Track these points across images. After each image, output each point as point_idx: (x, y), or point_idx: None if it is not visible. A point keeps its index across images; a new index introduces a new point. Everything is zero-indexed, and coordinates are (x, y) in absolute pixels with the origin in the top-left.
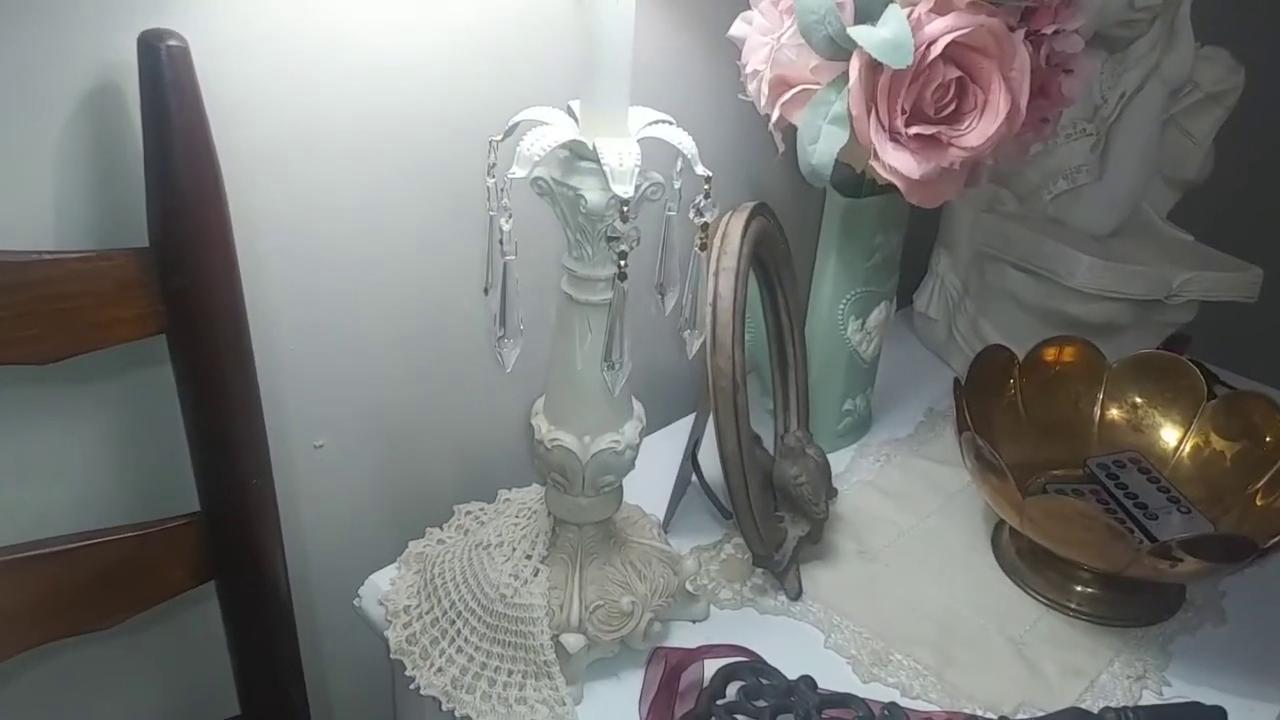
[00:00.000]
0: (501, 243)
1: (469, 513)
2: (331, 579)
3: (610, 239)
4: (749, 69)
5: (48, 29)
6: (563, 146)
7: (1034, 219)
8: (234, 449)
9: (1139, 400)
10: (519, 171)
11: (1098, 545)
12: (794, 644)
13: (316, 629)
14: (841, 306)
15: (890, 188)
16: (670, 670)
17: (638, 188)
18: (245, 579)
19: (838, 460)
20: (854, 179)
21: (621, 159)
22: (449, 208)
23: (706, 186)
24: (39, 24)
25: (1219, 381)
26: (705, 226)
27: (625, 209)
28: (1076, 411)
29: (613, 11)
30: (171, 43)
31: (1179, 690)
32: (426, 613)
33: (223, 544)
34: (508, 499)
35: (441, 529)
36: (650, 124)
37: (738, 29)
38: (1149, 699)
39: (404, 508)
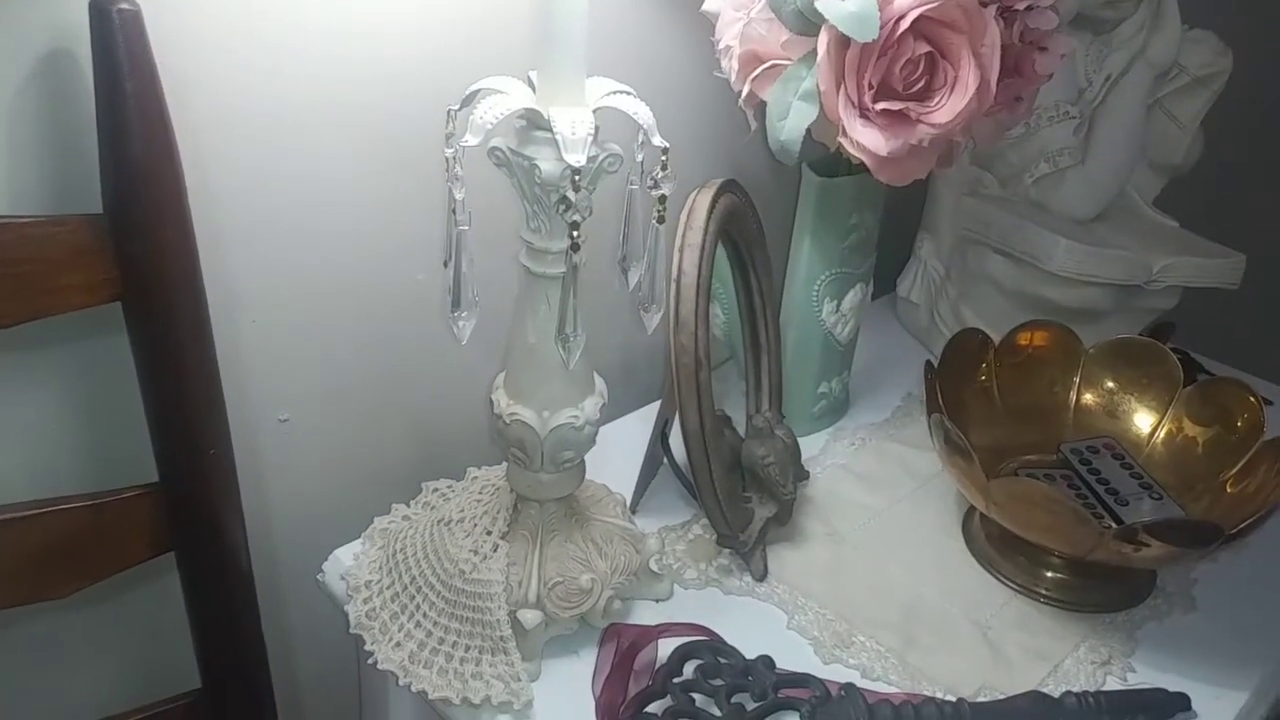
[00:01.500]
0: (454, 212)
1: (436, 490)
2: (297, 553)
3: (562, 209)
4: (722, 45)
5: None
6: (520, 116)
7: (1016, 202)
8: (191, 419)
9: (1115, 386)
10: (472, 140)
11: (1062, 529)
12: (756, 624)
13: (283, 602)
14: (816, 288)
15: (866, 167)
16: (627, 648)
17: (593, 158)
18: (205, 551)
19: (813, 443)
20: (831, 158)
21: (574, 128)
22: (412, 178)
23: (664, 158)
24: None
25: (1203, 370)
26: (663, 199)
27: (577, 178)
28: (1052, 396)
29: None
30: (123, 6)
31: (1144, 676)
32: (387, 588)
33: (181, 515)
34: (474, 476)
35: (408, 505)
36: (609, 94)
37: (711, 4)
38: (1113, 685)
39: (372, 484)
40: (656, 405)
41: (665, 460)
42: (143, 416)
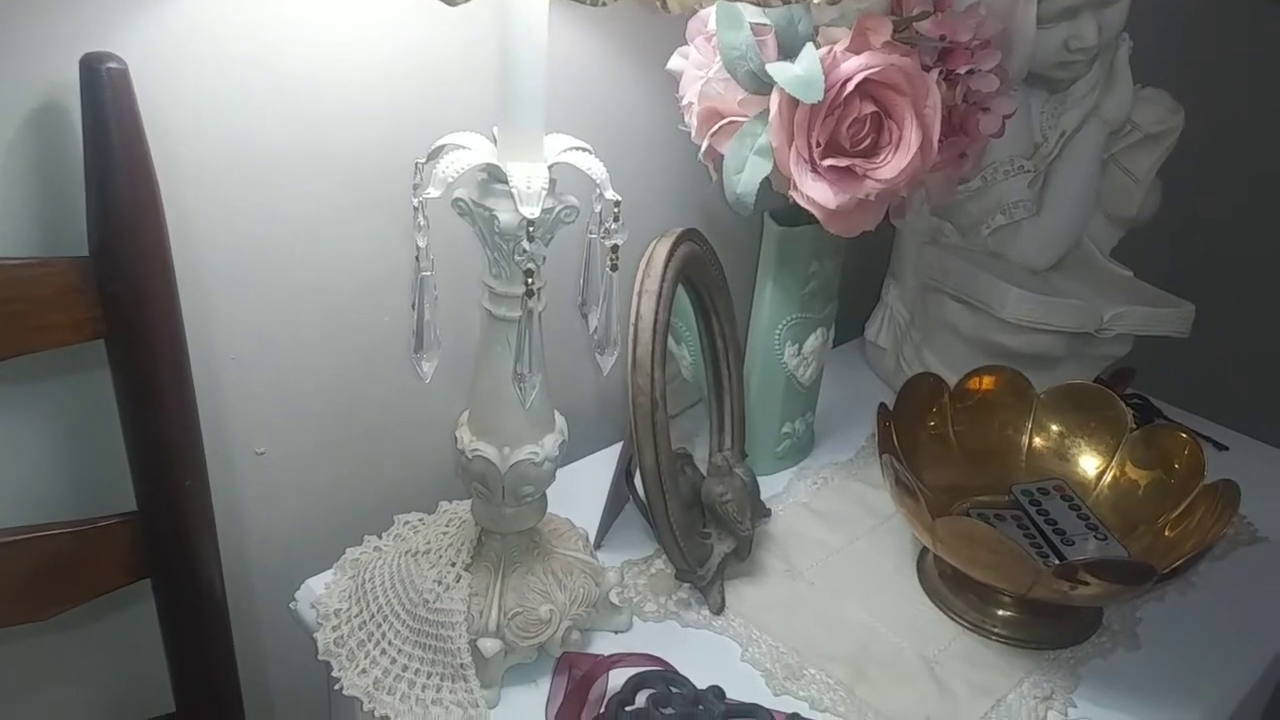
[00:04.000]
0: (418, 258)
1: (407, 522)
2: (272, 582)
3: (518, 258)
4: (684, 101)
5: None
6: (481, 169)
7: (974, 252)
8: (169, 451)
9: (1064, 429)
10: (434, 192)
11: (1003, 566)
12: (711, 656)
13: (258, 629)
14: (778, 332)
15: None
16: (581, 678)
17: (549, 210)
18: (180, 578)
19: (777, 482)
20: (791, 208)
21: (529, 182)
22: (382, 223)
23: (616, 210)
24: None
25: (1161, 416)
26: (615, 248)
27: (531, 229)
28: (1005, 439)
29: (526, 42)
30: (111, 65)
31: (1085, 712)
32: (355, 616)
33: (158, 543)
34: (445, 510)
35: (380, 537)
36: (566, 150)
37: (675, 63)
38: (1054, 719)
39: (345, 515)
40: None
41: (631, 498)
42: (123, 448)
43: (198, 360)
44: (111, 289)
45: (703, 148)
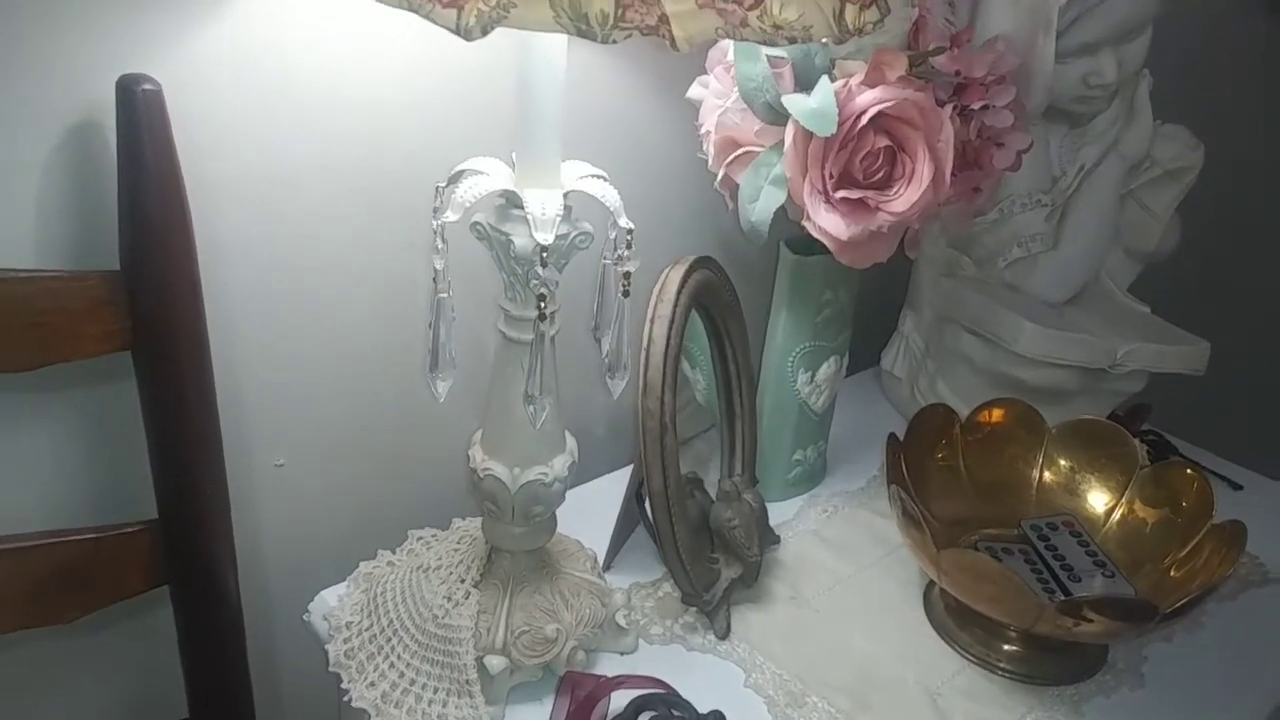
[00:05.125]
0: (435, 280)
1: (420, 538)
2: (286, 592)
3: (531, 283)
4: (703, 130)
5: (39, 69)
6: (499, 194)
7: (991, 285)
8: (191, 460)
9: (1075, 465)
10: (452, 216)
11: (1006, 600)
12: (715, 681)
13: (273, 638)
14: (791, 359)
15: None
16: (584, 698)
17: (564, 236)
18: (196, 585)
19: (787, 509)
20: (806, 236)
21: (544, 208)
22: (406, 242)
23: (629, 238)
24: (28, 65)
25: (1176, 453)
26: (628, 275)
27: (545, 254)
28: (1015, 473)
29: (545, 73)
30: (146, 86)
31: None
32: (365, 629)
33: (176, 550)
34: (458, 526)
35: (393, 552)
36: (582, 177)
37: (694, 91)
38: None
39: (361, 530)
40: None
41: (642, 520)
42: (145, 456)
43: (220, 372)
44: (141, 302)
45: (719, 176)
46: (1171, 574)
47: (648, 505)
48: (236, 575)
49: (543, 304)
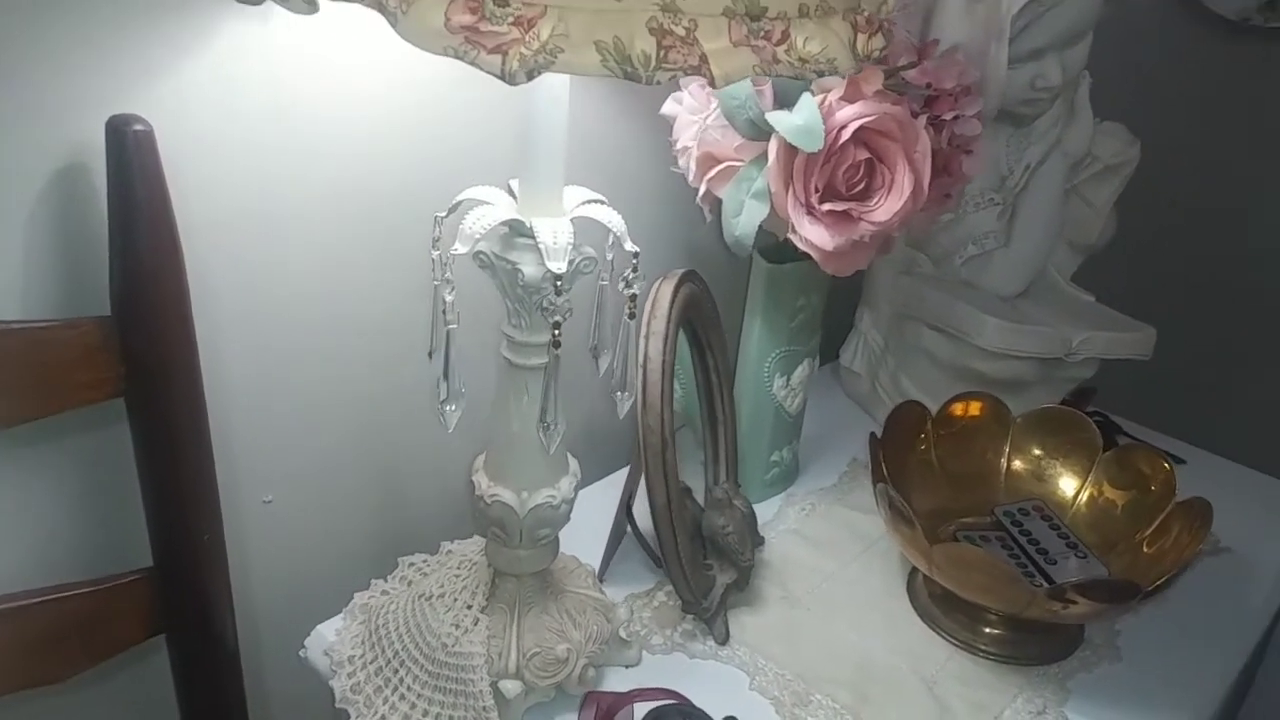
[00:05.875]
0: (445, 313)
1: (412, 564)
2: (279, 630)
3: (545, 310)
4: (679, 145)
5: (24, 112)
6: (503, 223)
7: (948, 281)
8: (187, 505)
9: (1041, 452)
10: (461, 248)
11: (998, 589)
12: (721, 686)
13: (264, 678)
14: (768, 364)
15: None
16: (603, 714)
17: (571, 262)
18: (195, 632)
19: (766, 509)
20: (778, 245)
21: (556, 237)
22: (397, 275)
23: (635, 261)
24: (15, 106)
25: (1121, 432)
26: (634, 298)
27: (559, 283)
28: (985, 463)
29: (548, 99)
30: (138, 127)
31: None
32: (370, 662)
33: (173, 598)
34: (449, 550)
35: (386, 580)
36: (583, 203)
37: (669, 108)
38: None
39: (349, 560)
40: (618, 474)
41: (630, 530)
42: (138, 503)
43: (210, 411)
44: (134, 347)
45: (701, 191)
46: (1145, 550)
47: (635, 516)
48: (234, 618)
49: (557, 331)
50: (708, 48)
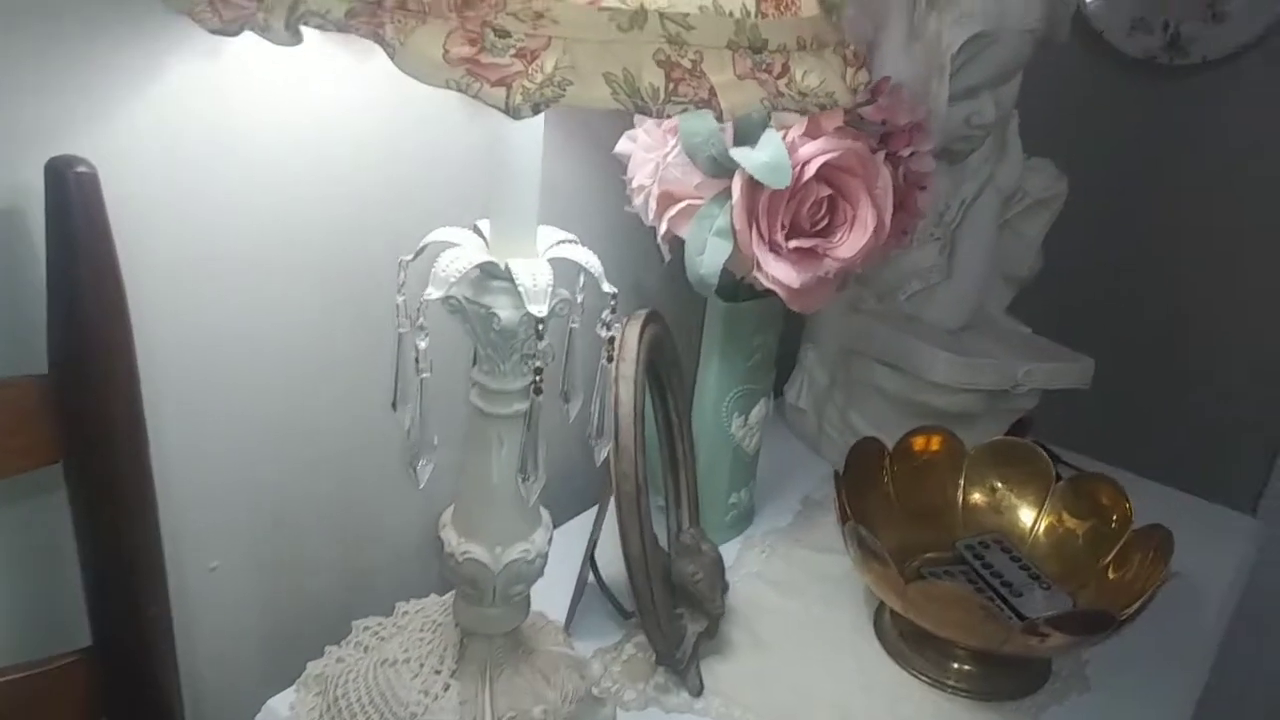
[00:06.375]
0: (418, 360)
1: (367, 628)
2: (228, 708)
3: (526, 356)
4: (635, 183)
5: None
6: (476, 266)
7: (893, 316)
8: (132, 576)
9: (997, 484)
10: (434, 292)
11: (974, 625)
12: None
13: None
14: (725, 404)
15: (767, 292)
16: None
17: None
18: (140, 716)
19: (727, 553)
20: (733, 284)
21: (535, 279)
22: (351, 324)
23: (613, 302)
24: None
25: (1061, 461)
26: (612, 340)
27: (540, 327)
28: (943, 496)
29: (523, 139)
30: (80, 169)
31: None
32: None
33: (115, 680)
34: (405, 612)
35: (340, 646)
36: (557, 244)
37: (623, 146)
38: None
39: (297, 626)
40: (573, 522)
41: (593, 580)
42: (74, 577)
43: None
44: (75, 408)
45: (661, 230)
46: (1109, 578)
47: (599, 565)
48: (181, 700)
49: (538, 377)
50: (715, 80)
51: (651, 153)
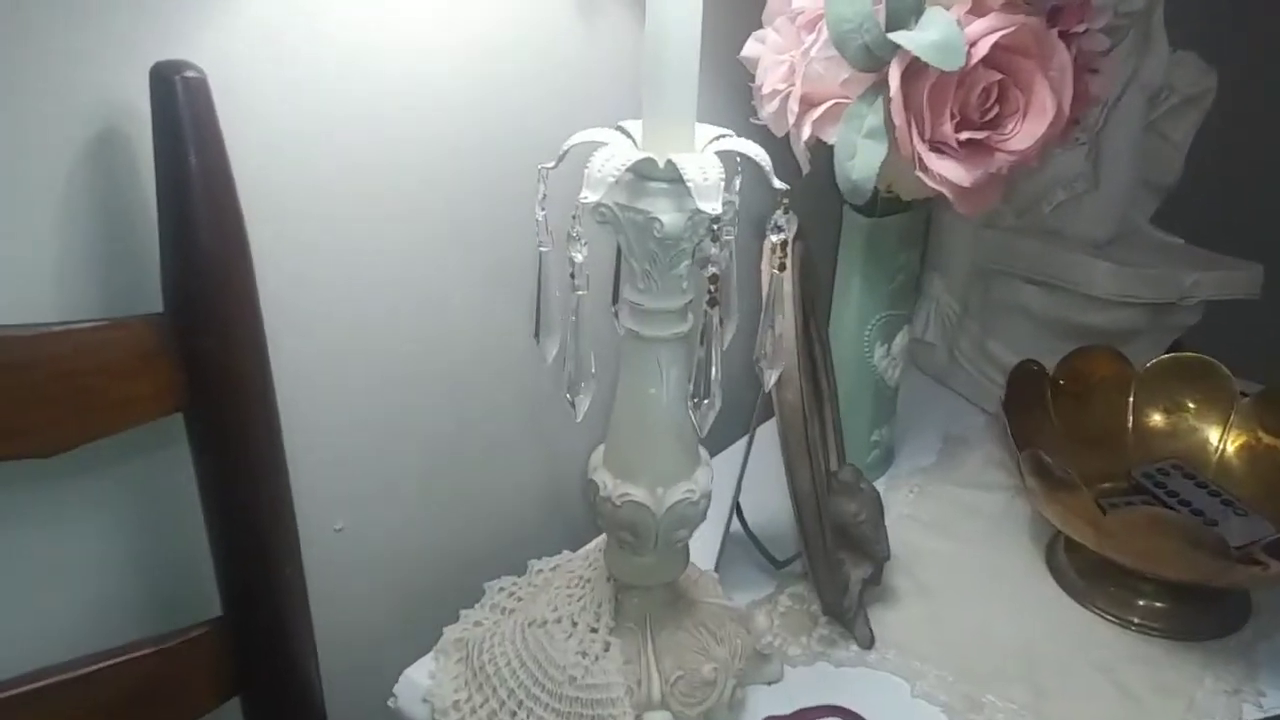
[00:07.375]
0: (573, 275)
1: (502, 589)
2: (362, 679)
3: (700, 262)
4: (766, 89)
5: (49, 66)
6: (634, 164)
7: (1033, 231)
8: (263, 534)
9: (1171, 405)
10: (591, 195)
11: (1184, 556)
12: (880, 696)
13: None
14: (868, 332)
15: (906, 206)
16: None
17: (729, 203)
18: (276, 690)
19: None
20: (871, 197)
21: (705, 174)
22: (481, 257)
23: (785, 201)
24: (31, 63)
25: None
26: (785, 245)
27: (716, 227)
28: (1112, 421)
29: (679, 12)
30: (189, 74)
31: (1274, 701)
32: (481, 705)
33: (250, 651)
34: (540, 570)
35: (475, 609)
36: (716, 138)
37: (750, 49)
38: (1250, 714)
39: (428, 590)
40: None
41: (740, 527)
42: (201, 540)
43: None
44: (196, 349)
45: (804, 135)
46: None
47: (746, 511)
48: (319, 671)
49: (713, 287)
50: None
51: (783, 54)
